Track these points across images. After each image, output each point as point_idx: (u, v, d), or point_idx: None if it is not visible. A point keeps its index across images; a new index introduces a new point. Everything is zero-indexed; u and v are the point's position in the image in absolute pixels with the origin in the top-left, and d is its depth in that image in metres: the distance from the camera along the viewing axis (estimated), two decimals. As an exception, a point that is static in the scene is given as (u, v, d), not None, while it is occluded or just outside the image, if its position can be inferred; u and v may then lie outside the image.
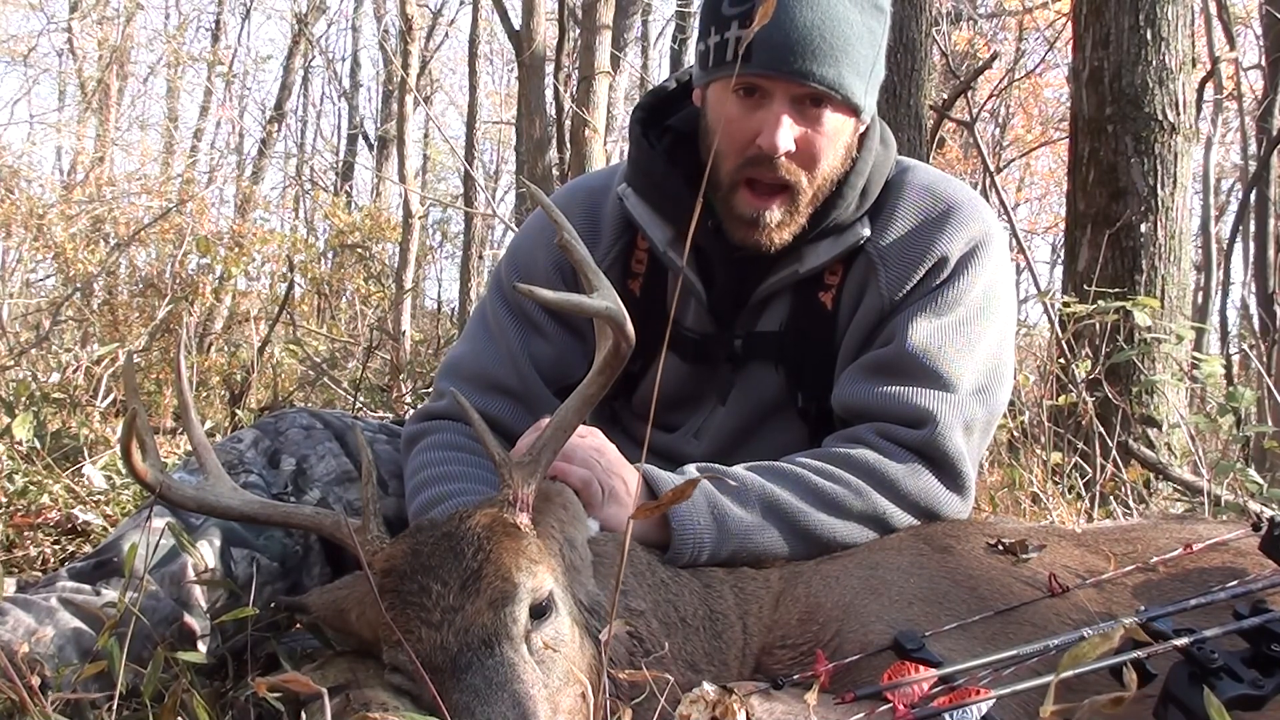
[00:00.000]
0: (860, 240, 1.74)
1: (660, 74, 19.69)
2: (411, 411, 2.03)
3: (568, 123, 7.60)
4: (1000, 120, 16.74)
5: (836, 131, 1.66)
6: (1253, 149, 10.62)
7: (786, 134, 1.62)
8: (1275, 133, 8.34)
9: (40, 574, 2.35)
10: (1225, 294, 11.90)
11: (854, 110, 1.66)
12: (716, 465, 1.64)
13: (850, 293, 1.77)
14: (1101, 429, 3.36)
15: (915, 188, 1.77)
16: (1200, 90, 7.70)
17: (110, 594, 1.50)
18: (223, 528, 1.62)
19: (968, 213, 1.74)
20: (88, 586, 1.52)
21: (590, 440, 1.54)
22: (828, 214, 1.71)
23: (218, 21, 18.29)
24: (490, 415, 1.74)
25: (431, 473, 1.69)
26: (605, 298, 1.29)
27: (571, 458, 1.49)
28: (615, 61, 8.62)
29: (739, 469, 1.62)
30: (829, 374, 1.79)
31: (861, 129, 1.73)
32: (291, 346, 7.12)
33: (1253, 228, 9.42)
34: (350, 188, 18.57)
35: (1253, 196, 9.50)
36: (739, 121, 1.65)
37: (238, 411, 5.07)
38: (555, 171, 7.92)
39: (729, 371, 1.86)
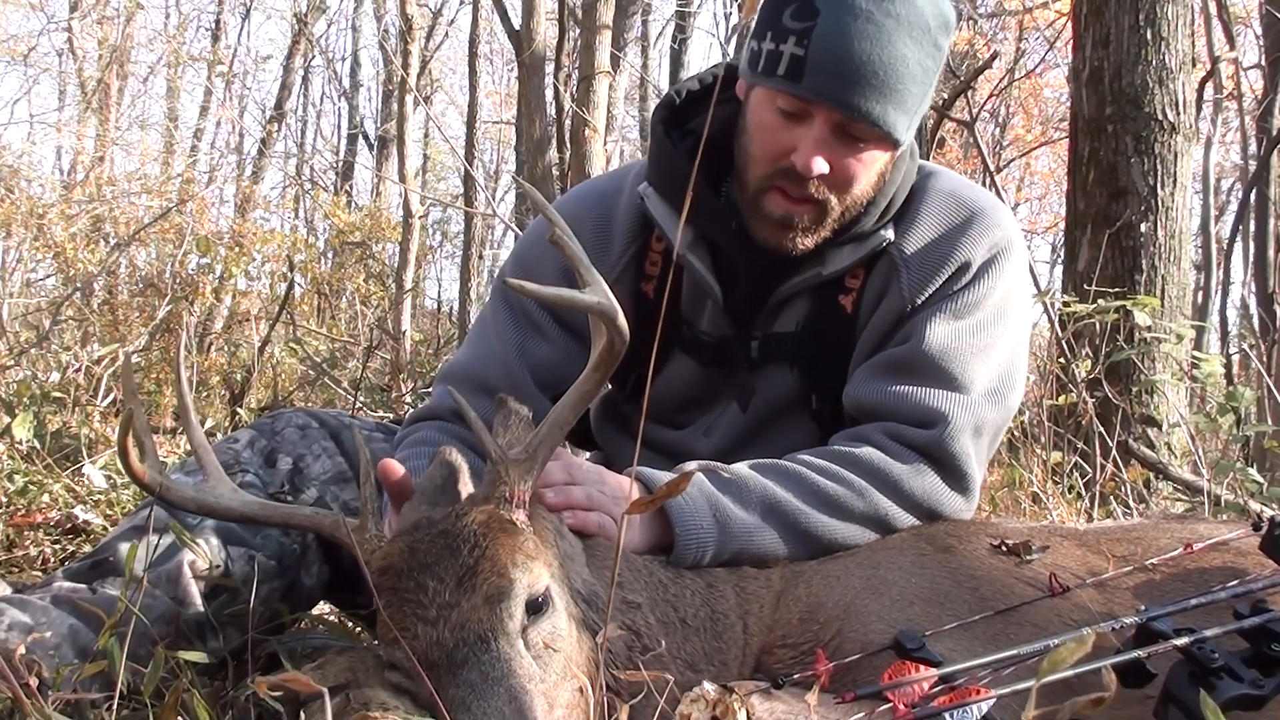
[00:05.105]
0: (884, 244, 1.74)
1: (660, 74, 19.68)
2: (410, 412, 2.04)
3: (568, 123, 7.60)
4: (1000, 120, 16.75)
5: (872, 160, 1.65)
6: (1253, 149, 10.62)
7: (822, 159, 1.61)
8: (1275, 133, 8.33)
9: (40, 574, 2.36)
10: (1225, 294, 11.90)
11: (894, 145, 1.65)
12: (716, 463, 1.64)
13: (871, 296, 1.77)
14: (1101, 429, 3.36)
15: (940, 193, 1.77)
16: (1200, 90, 7.70)
17: (106, 592, 1.50)
18: (219, 527, 1.62)
19: (991, 219, 1.74)
20: (83, 586, 1.52)
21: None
22: (855, 223, 1.72)
23: (218, 21, 18.30)
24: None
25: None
26: (596, 293, 1.28)
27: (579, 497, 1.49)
28: (615, 61, 8.61)
29: (741, 466, 1.61)
30: (844, 376, 1.79)
31: (897, 155, 1.72)
32: (291, 346, 7.13)
33: (1253, 228, 9.42)
34: (350, 187, 18.58)
35: (1253, 196, 9.50)
36: (776, 132, 1.63)
37: (238, 411, 5.07)
38: (555, 171, 7.91)
39: (747, 375, 1.85)
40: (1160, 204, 4.31)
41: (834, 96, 1.57)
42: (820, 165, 1.61)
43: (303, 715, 1.17)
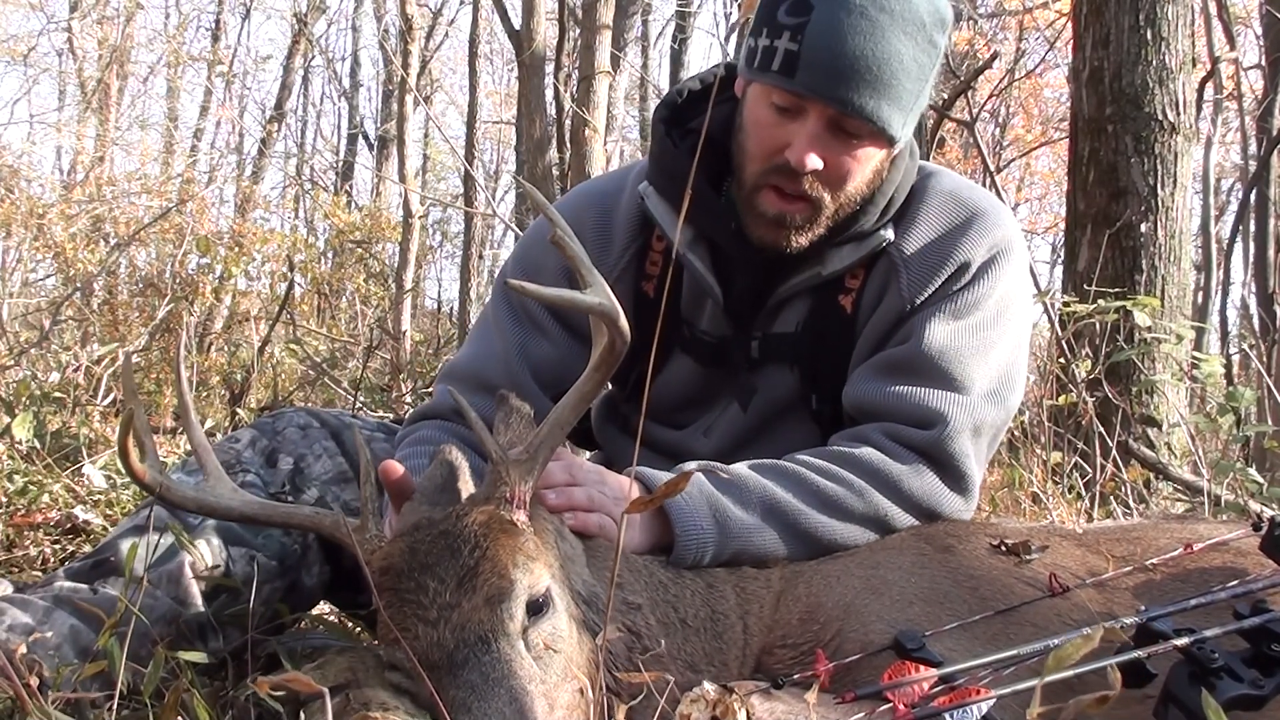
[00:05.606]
0: (883, 244, 1.74)
1: (660, 74, 19.67)
2: (411, 411, 2.04)
3: (568, 123, 7.60)
4: (1000, 120, 16.76)
5: (867, 157, 1.65)
6: (1253, 149, 10.63)
7: (816, 154, 1.61)
8: (1275, 133, 8.34)
9: (40, 574, 2.36)
10: (1225, 294, 11.90)
11: (889, 141, 1.65)
12: (715, 463, 1.64)
13: (870, 296, 1.77)
14: (1101, 429, 3.36)
15: (940, 193, 1.77)
16: (1200, 90, 7.69)
17: (108, 592, 1.50)
18: (220, 527, 1.62)
19: (991, 219, 1.74)
20: (84, 586, 1.52)
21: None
22: (853, 222, 1.72)
23: (218, 21, 18.31)
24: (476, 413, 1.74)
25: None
26: (598, 294, 1.28)
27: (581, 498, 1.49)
28: (615, 61, 8.61)
29: (740, 467, 1.61)
30: (844, 376, 1.79)
31: (894, 154, 1.72)
32: (291, 346, 7.13)
33: (1253, 228, 9.43)
34: (350, 187, 18.57)
35: (1253, 196, 9.51)
36: (771, 129, 1.64)
37: (238, 411, 5.08)
38: (555, 171, 7.91)
39: (747, 374, 1.85)
40: (1160, 204, 4.31)
41: (827, 92, 1.57)
42: (814, 161, 1.61)
43: (303, 715, 1.17)
